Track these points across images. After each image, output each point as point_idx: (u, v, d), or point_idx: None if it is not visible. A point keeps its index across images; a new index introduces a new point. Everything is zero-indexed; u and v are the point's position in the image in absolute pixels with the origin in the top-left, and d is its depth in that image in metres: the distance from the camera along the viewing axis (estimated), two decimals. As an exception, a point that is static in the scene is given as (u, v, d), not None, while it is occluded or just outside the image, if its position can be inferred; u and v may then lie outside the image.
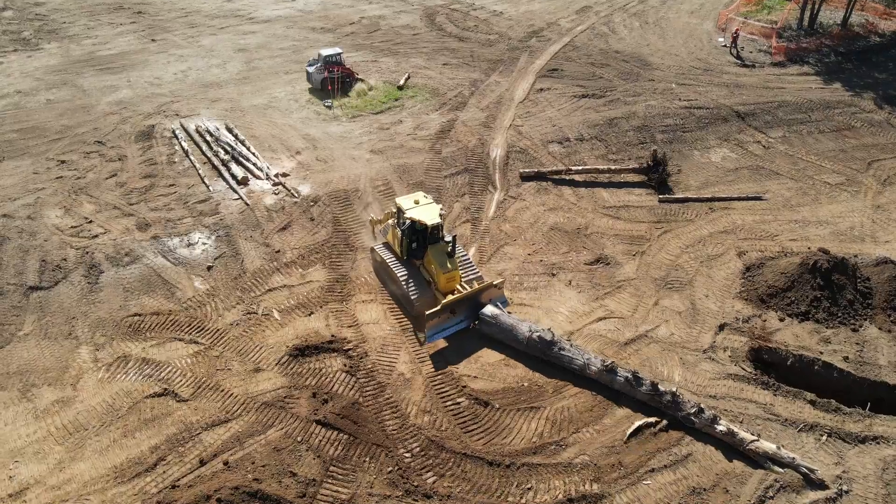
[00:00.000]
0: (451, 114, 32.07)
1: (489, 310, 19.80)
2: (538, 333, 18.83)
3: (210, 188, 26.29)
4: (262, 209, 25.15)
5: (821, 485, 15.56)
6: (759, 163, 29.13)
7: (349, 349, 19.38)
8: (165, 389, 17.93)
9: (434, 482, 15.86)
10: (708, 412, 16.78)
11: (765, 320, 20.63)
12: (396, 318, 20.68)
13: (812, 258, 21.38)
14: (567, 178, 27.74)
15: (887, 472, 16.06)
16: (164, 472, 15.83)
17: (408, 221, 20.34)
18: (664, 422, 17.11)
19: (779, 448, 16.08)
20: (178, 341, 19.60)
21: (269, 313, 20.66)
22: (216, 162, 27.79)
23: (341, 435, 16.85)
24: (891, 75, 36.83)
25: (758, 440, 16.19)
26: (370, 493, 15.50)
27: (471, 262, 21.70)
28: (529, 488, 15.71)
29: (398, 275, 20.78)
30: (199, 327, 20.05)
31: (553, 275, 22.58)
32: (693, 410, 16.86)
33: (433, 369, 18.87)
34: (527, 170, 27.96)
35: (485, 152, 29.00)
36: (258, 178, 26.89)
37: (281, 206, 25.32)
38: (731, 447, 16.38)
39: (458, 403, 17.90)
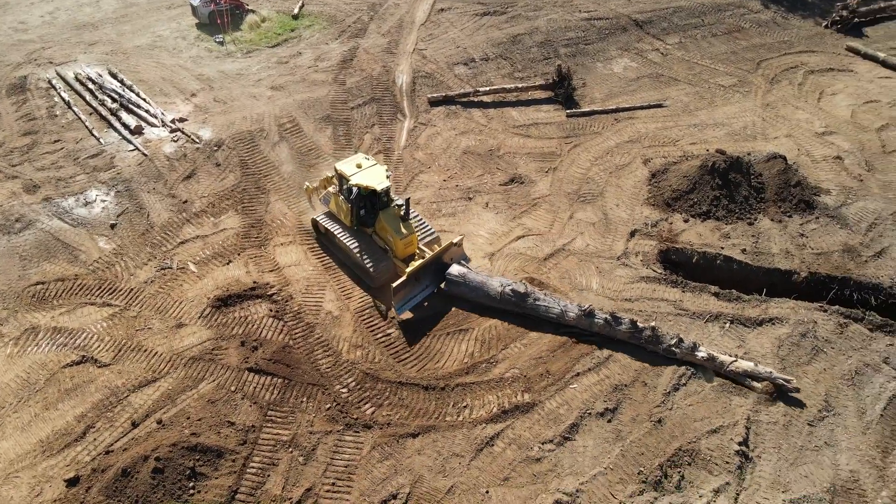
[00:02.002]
0: (352, 41, 30.89)
1: (456, 269, 18.84)
2: (510, 286, 18.18)
3: (101, 141, 24.54)
4: (163, 158, 23.82)
5: (796, 392, 16.47)
6: (659, 70, 29.91)
7: (273, 294, 19.14)
8: (83, 356, 17.23)
9: (373, 412, 16.29)
10: (687, 341, 17.17)
11: (671, 223, 21.78)
12: (318, 258, 20.49)
13: (710, 160, 22.51)
14: (475, 100, 27.61)
15: (782, 349, 17.75)
16: (94, 439, 15.45)
17: (354, 189, 18.78)
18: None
19: (756, 365, 16.82)
20: (89, 306, 18.73)
21: (184, 266, 19.98)
22: (104, 112, 25.84)
23: (275, 379, 16.87)
24: (775, -26, 38.09)
25: (736, 360, 16.86)
26: (311, 432, 15.77)
27: (425, 223, 20.32)
28: (465, 406, 16.41)
29: (350, 247, 19.35)
30: (110, 289, 19.19)
31: (470, 199, 22.81)
32: (673, 342, 17.16)
33: (361, 304, 19.01)
34: (434, 94, 27.60)
35: (390, 80, 28.32)
36: (153, 125, 25.28)
37: (182, 154, 24.04)
38: (644, 349, 17.55)
39: (389, 335, 18.20)
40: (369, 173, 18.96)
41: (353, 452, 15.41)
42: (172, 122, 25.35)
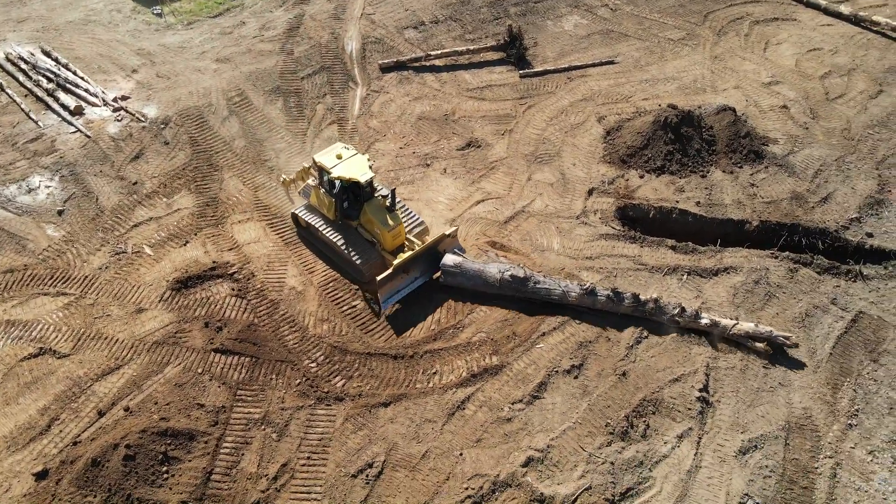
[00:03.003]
0: (297, 8, 29.98)
1: (450, 259, 18.18)
2: (510, 272, 17.70)
3: (39, 124, 23.47)
4: (107, 139, 22.96)
5: (795, 347, 16.89)
6: (609, 26, 29.89)
7: (234, 272, 18.87)
8: (41, 348, 16.80)
9: (343, 385, 16.37)
10: (690, 309, 17.23)
11: (627, 179, 22.10)
12: (277, 234, 20.21)
13: (662, 115, 22.79)
14: (427, 64, 27.23)
15: (737, 296, 18.40)
16: (60, 431, 15.19)
17: (337, 182, 17.91)
18: None
19: (756, 325, 17.10)
20: (43, 296, 18.17)
21: (139, 250, 19.50)
22: (40, 93, 24.64)
23: (243, 358, 16.77)
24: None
25: (738, 323, 17.07)
26: (282, 408, 15.79)
27: (412, 212, 19.56)
28: (435, 372, 16.61)
29: (334, 241, 18.57)
30: (63, 277, 18.64)
31: (427, 165, 22.70)
32: (676, 312, 17.18)
33: (324, 278, 18.90)
34: (385, 60, 27.11)
35: (340, 47, 27.68)
36: (94, 105, 24.25)
37: (128, 134, 23.21)
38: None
39: (354, 307, 18.19)
40: (351, 164, 18.09)
41: (326, 425, 15.51)
42: (114, 100, 24.38)
